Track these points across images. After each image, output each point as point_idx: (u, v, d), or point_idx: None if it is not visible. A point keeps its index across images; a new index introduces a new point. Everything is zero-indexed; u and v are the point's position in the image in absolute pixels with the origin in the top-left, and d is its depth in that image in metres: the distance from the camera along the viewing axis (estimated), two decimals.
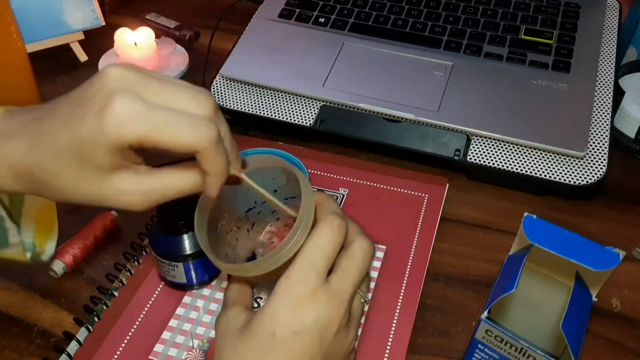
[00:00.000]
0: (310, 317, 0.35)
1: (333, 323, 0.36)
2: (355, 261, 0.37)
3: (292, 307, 0.35)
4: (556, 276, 0.47)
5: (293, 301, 0.35)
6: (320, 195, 0.40)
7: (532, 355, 0.39)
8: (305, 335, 0.35)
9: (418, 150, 0.63)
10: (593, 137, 0.61)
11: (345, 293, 0.36)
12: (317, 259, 0.36)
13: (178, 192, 0.36)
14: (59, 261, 0.53)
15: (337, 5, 0.75)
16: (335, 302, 0.36)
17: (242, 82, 0.68)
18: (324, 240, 0.36)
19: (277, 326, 0.35)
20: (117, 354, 0.47)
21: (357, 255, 0.37)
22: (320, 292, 0.35)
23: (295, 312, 0.35)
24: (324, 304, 0.35)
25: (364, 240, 0.38)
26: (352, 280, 0.37)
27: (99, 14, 0.77)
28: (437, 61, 0.68)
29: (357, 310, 0.39)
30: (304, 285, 0.35)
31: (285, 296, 0.35)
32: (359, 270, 0.37)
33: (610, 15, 0.73)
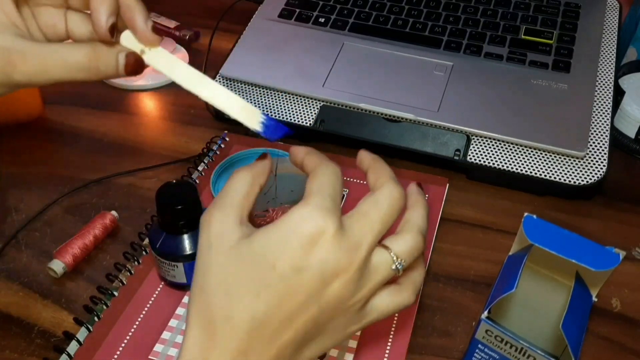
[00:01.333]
0: (317, 256, 0.31)
1: (340, 270, 0.32)
2: (378, 208, 0.33)
3: (302, 241, 0.31)
4: (556, 276, 0.47)
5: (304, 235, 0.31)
6: None
7: (532, 355, 0.39)
8: (306, 274, 0.31)
9: (418, 150, 0.63)
10: (593, 137, 0.61)
11: (361, 240, 0.32)
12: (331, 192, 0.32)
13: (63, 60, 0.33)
14: (59, 261, 0.53)
15: (337, 5, 0.75)
16: (347, 247, 0.32)
17: (242, 82, 0.68)
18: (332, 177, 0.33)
19: (280, 258, 0.31)
20: (117, 353, 0.47)
21: (381, 202, 0.33)
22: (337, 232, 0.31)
23: (304, 247, 0.31)
24: (336, 247, 0.31)
25: (394, 187, 0.34)
26: (372, 228, 0.32)
27: None
28: (437, 61, 0.68)
29: (380, 270, 0.33)
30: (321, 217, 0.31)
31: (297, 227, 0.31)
32: (381, 219, 0.33)
33: (610, 15, 0.73)
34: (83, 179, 0.62)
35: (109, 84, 0.75)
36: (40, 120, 0.69)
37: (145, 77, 0.75)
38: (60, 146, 0.67)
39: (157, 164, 0.64)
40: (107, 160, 0.65)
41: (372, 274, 0.33)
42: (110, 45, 0.35)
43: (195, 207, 0.49)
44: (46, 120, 0.69)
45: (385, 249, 0.34)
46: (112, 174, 0.63)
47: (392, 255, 0.33)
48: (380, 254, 0.33)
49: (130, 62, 0.35)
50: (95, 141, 0.67)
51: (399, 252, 0.34)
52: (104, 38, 0.34)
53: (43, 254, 0.55)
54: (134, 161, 0.64)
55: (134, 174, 0.63)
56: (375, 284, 0.33)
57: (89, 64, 0.34)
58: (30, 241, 0.57)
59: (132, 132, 0.68)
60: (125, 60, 0.35)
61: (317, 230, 0.31)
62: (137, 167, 0.64)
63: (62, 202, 0.60)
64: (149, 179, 0.63)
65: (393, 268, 0.34)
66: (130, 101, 0.73)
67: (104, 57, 0.34)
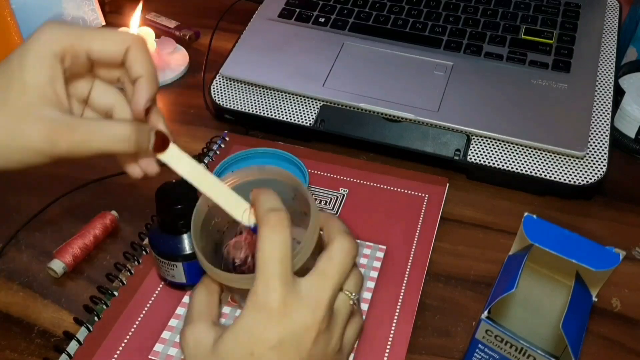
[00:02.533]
0: (286, 328, 0.34)
1: (310, 330, 0.34)
2: (333, 263, 0.36)
3: (267, 321, 0.34)
4: (556, 276, 0.47)
5: (266, 315, 0.34)
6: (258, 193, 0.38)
7: (532, 355, 0.39)
8: (282, 348, 0.34)
9: (418, 150, 0.63)
10: (593, 137, 0.61)
11: (322, 297, 0.35)
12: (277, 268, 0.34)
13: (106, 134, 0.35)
14: (59, 261, 0.53)
15: (337, 5, 0.75)
16: (310, 308, 0.34)
17: (242, 82, 0.68)
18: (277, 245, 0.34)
19: (254, 344, 0.34)
20: (117, 353, 0.47)
21: (336, 257, 0.36)
22: (290, 300, 0.34)
23: (270, 325, 0.34)
24: (298, 312, 0.34)
25: (345, 240, 0.37)
26: (331, 284, 0.35)
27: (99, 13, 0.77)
28: (437, 61, 0.68)
29: (342, 311, 0.37)
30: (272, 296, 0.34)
31: (257, 311, 0.34)
32: (338, 273, 0.36)
33: (611, 15, 0.73)
34: (83, 178, 0.62)
35: None
36: None
37: None
38: None
39: None
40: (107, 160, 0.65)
41: (337, 316, 0.37)
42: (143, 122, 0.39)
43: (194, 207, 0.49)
44: None
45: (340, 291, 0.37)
46: (112, 174, 0.63)
47: (346, 293, 0.37)
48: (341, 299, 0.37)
49: (158, 140, 0.39)
50: None
51: (350, 288, 0.37)
52: (138, 116, 0.38)
53: (43, 254, 0.55)
54: None
55: None
56: (343, 323, 0.37)
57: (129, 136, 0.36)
58: (30, 241, 0.57)
59: None
60: (155, 137, 0.38)
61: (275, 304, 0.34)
62: None
63: (62, 202, 0.60)
64: (149, 179, 0.62)
65: (351, 303, 0.37)
66: None
67: (144, 133, 0.37)
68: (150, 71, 0.37)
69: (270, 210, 0.35)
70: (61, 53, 0.35)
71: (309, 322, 0.34)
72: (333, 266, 0.36)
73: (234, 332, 0.34)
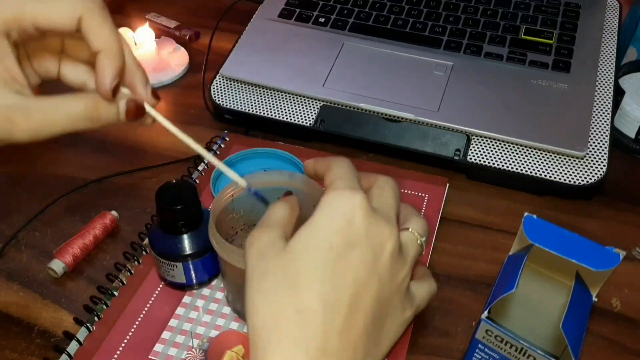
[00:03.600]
0: (362, 228, 0.33)
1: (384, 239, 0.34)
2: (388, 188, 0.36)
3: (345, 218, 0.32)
4: (556, 276, 0.47)
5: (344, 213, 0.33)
6: None
7: (532, 355, 0.39)
8: (359, 247, 0.32)
9: (418, 150, 0.63)
10: (593, 137, 0.61)
11: (389, 212, 0.35)
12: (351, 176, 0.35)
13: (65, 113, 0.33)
14: (59, 261, 0.53)
15: (337, 5, 0.75)
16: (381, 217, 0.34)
17: (242, 82, 0.68)
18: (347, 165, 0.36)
19: (333, 237, 0.32)
20: (117, 353, 0.47)
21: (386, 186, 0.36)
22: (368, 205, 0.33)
23: (348, 223, 0.32)
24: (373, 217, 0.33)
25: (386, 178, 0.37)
26: (390, 204, 0.35)
27: None
28: (437, 61, 0.68)
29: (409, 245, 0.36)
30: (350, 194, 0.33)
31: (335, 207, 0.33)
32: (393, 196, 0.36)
33: (611, 15, 0.73)
34: (83, 179, 0.62)
35: None
36: None
37: None
38: (60, 146, 0.67)
39: (157, 164, 0.64)
40: (107, 160, 0.65)
41: (406, 249, 0.36)
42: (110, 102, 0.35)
43: (195, 207, 0.49)
44: None
45: (405, 229, 0.37)
46: (112, 174, 0.63)
47: (414, 233, 0.37)
48: (404, 233, 0.36)
49: (131, 109, 0.36)
50: (95, 141, 0.67)
51: (417, 229, 0.37)
52: (105, 97, 0.35)
53: (43, 254, 0.55)
54: (134, 161, 0.64)
55: (134, 174, 0.63)
56: (411, 259, 0.36)
57: (91, 114, 0.34)
58: (30, 241, 0.57)
59: (132, 132, 0.68)
60: (126, 107, 0.36)
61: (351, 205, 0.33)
62: (137, 167, 0.64)
63: (62, 202, 0.60)
64: (149, 179, 0.63)
65: (419, 243, 0.37)
66: None
67: (105, 106, 0.35)
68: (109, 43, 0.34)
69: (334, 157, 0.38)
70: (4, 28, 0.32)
71: (385, 232, 0.34)
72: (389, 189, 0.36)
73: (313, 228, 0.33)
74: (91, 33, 0.33)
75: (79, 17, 0.33)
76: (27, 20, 0.33)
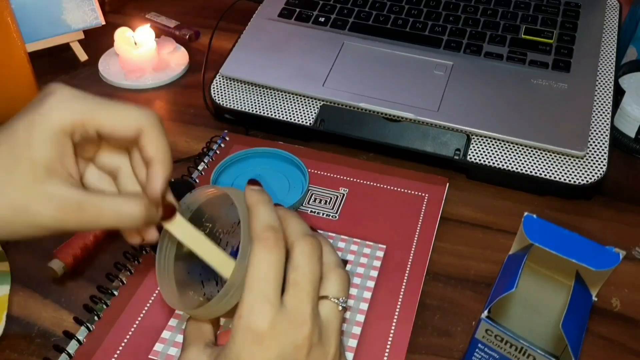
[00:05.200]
0: (275, 350, 0.33)
1: (301, 347, 0.33)
2: (301, 272, 0.34)
3: (254, 346, 0.33)
4: (556, 276, 0.47)
5: (253, 339, 0.33)
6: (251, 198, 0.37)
7: (532, 354, 0.39)
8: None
9: (418, 149, 0.63)
10: (593, 137, 0.61)
11: (303, 310, 0.34)
12: (263, 287, 0.33)
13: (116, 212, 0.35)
14: (59, 261, 0.53)
15: (337, 4, 0.75)
16: (295, 324, 0.33)
17: (242, 81, 0.68)
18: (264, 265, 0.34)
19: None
20: (117, 353, 0.47)
21: (300, 264, 0.34)
22: (277, 320, 0.33)
23: (259, 350, 0.33)
24: (285, 332, 0.33)
25: (304, 243, 0.35)
26: (306, 293, 0.34)
27: (99, 13, 0.77)
28: (437, 61, 0.68)
29: (333, 320, 0.36)
30: (259, 319, 0.33)
31: (243, 336, 0.33)
32: (309, 280, 0.34)
33: (611, 14, 0.73)
34: None
35: (108, 83, 0.75)
36: None
37: (144, 76, 0.75)
38: None
39: None
40: None
41: (329, 327, 0.35)
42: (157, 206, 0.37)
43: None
44: None
45: (325, 299, 0.36)
46: None
47: (333, 301, 0.36)
48: (324, 307, 0.35)
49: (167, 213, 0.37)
50: None
51: (335, 293, 0.36)
52: (155, 203, 0.36)
53: (43, 253, 0.55)
54: None
55: None
56: (336, 332, 0.36)
57: (140, 215, 0.35)
58: (30, 241, 0.57)
59: None
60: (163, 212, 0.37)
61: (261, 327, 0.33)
62: None
63: None
64: None
65: (340, 309, 0.36)
66: (131, 101, 0.73)
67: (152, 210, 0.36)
68: (164, 154, 0.36)
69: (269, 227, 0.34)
70: (71, 130, 0.34)
71: (299, 340, 0.33)
72: (302, 275, 0.34)
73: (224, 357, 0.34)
74: (149, 144, 0.35)
75: (140, 128, 0.35)
76: (92, 125, 0.35)
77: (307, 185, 0.59)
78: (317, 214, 0.58)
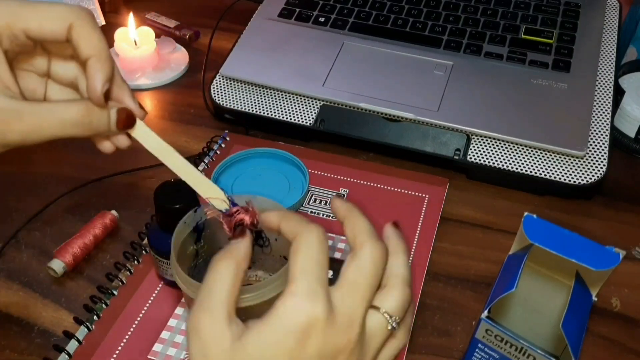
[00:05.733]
0: (314, 346, 0.29)
1: (341, 351, 0.30)
2: (364, 274, 0.31)
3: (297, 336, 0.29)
4: (556, 276, 0.47)
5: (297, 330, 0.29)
6: None
7: (532, 354, 0.39)
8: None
9: (418, 149, 0.63)
10: (593, 137, 0.61)
11: (355, 313, 0.31)
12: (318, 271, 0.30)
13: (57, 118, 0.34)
14: (59, 260, 0.53)
15: (337, 4, 0.75)
16: (343, 325, 0.30)
17: (242, 81, 0.68)
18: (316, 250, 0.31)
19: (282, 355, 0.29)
20: (117, 353, 0.47)
21: (366, 267, 0.32)
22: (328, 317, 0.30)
23: (300, 342, 0.29)
24: (331, 330, 0.30)
25: (375, 246, 0.32)
26: (362, 297, 0.31)
27: (99, 13, 0.77)
28: (437, 61, 0.68)
29: (377, 335, 0.32)
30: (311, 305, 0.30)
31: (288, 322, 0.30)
32: (369, 285, 0.31)
33: (611, 14, 0.73)
34: (83, 178, 0.62)
35: None
36: None
37: (145, 76, 0.75)
38: (60, 146, 0.67)
39: (157, 163, 0.64)
40: (107, 160, 0.65)
41: (371, 340, 0.32)
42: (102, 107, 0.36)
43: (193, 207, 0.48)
44: None
45: (376, 310, 0.32)
46: (112, 174, 0.63)
47: (385, 316, 0.32)
48: (373, 318, 0.32)
49: (122, 118, 0.36)
50: None
51: (391, 309, 0.32)
52: (97, 103, 0.35)
53: (43, 253, 0.55)
54: (134, 161, 0.64)
55: (134, 173, 0.63)
56: (376, 348, 0.32)
57: (82, 119, 0.34)
58: (30, 241, 0.57)
59: None
60: (117, 116, 0.36)
61: (308, 320, 0.29)
62: (137, 166, 0.64)
63: (62, 202, 0.60)
64: (149, 179, 0.63)
65: (389, 328, 0.32)
66: None
67: (97, 113, 0.35)
68: (100, 49, 0.34)
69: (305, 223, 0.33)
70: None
71: (341, 343, 0.30)
72: (364, 277, 0.31)
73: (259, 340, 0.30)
74: (81, 40, 0.34)
75: (69, 25, 0.34)
76: (19, 28, 0.33)
77: (307, 185, 0.59)
78: (317, 215, 0.58)
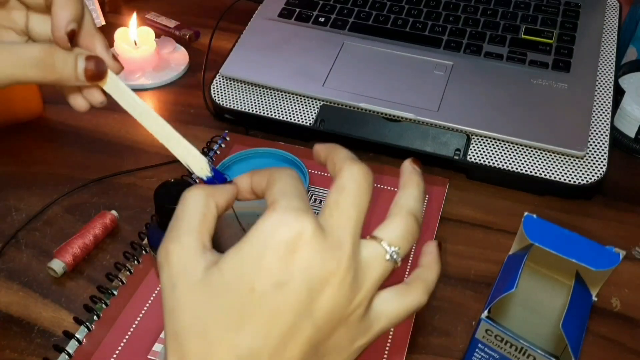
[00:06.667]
0: (299, 263, 0.26)
1: (328, 273, 0.27)
2: (346, 193, 0.28)
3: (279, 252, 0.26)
4: (556, 276, 0.47)
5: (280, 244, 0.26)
6: None
7: (532, 354, 0.39)
8: (290, 288, 0.26)
9: (418, 150, 0.63)
10: (593, 137, 0.61)
11: (342, 234, 0.27)
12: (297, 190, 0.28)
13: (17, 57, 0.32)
14: (59, 260, 0.53)
15: (337, 4, 0.75)
16: (330, 246, 0.27)
17: (242, 81, 0.68)
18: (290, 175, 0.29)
19: (258, 277, 0.26)
20: (116, 353, 0.47)
21: (347, 186, 0.29)
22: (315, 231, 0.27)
23: (283, 258, 0.26)
24: (318, 249, 0.27)
25: (353, 166, 0.29)
26: (348, 217, 0.28)
27: (99, 13, 0.77)
28: (437, 61, 0.68)
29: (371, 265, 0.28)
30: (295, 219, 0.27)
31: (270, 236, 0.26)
32: (353, 204, 0.28)
33: (611, 14, 0.73)
34: (83, 178, 0.62)
35: None
36: (40, 120, 0.69)
37: (145, 76, 0.75)
38: (60, 146, 0.67)
39: (157, 163, 0.64)
40: (107, 160, 0.65)
41: (365, 271, 0.28)
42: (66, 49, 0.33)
43: None
44: (46, 120, 0.69)
45: (373, 239, 0.29)
46: (112, 174, 0.63)
47: (382, 245, 0.29)
48: (369, 247, 0.29)
49: (90, 67, 0.33)
50: (95, 141, 0.67)
51: (390, 239, 0.29)
52: (61, 43, 0.33)
53: (43, 253, 0.55)
54: (134, 161, 0.64)
55: (134, 173, 0.63)
56: (372, 282, 0.28)
57: (44, 59, 0.32)
58: (30, 241, 0.57)
59: (132, 131, 0.68)
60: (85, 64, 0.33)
61: (293, 234, 0.27)
62: (137, 166, 0.64)
63: (62, 202, 0.60)
64: (149, 179, 0.63)
65: (387, 259, 0.29)
66: None
67: (61, 55, 0.33)
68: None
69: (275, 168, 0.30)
70: None
71: (329, 265, 0.27)
72: (346, 196, 0.28)
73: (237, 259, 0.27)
74: None
75: None
76: None
77: (307, 185, 0.59)
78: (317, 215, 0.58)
